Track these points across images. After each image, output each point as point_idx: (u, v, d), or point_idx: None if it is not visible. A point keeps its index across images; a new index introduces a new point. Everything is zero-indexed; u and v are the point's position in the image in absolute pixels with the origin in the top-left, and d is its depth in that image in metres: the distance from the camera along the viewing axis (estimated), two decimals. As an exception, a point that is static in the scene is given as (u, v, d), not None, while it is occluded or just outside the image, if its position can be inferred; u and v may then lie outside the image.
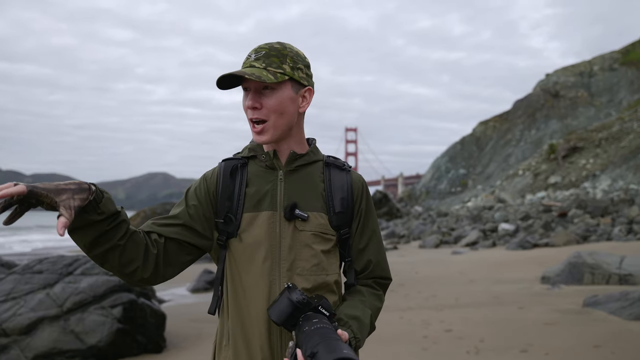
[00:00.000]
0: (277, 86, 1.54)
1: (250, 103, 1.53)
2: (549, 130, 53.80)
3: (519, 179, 41.34)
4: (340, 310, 1.56)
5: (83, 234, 1.38)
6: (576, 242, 13.83)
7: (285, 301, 1.42)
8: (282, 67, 1.53)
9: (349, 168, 1.68)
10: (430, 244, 18.21)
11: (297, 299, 1.41)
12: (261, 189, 1.59)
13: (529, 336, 5.44)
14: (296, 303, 1.40)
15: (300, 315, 1.41)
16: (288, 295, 1.42)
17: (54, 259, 6.08)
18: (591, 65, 59.77)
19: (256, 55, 1.54)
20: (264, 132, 1.56)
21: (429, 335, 5.72)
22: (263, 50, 1.55)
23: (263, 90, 1.54)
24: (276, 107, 1.54)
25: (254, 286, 1.53)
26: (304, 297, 1.42)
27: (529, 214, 22.03)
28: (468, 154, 61.94)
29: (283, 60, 1.54)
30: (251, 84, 1.54)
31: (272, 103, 1.54)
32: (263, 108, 1.54)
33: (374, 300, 1.66)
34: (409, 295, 8.31)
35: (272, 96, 1.54)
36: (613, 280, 8.32)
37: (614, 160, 34.53)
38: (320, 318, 1.38)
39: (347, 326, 1.50)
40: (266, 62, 1.53)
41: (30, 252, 22.89)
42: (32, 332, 5.19)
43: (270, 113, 1.54)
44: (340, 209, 1.61)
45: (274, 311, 1.44)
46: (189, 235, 1.57)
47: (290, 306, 1.41)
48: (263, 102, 1.54)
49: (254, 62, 1.53)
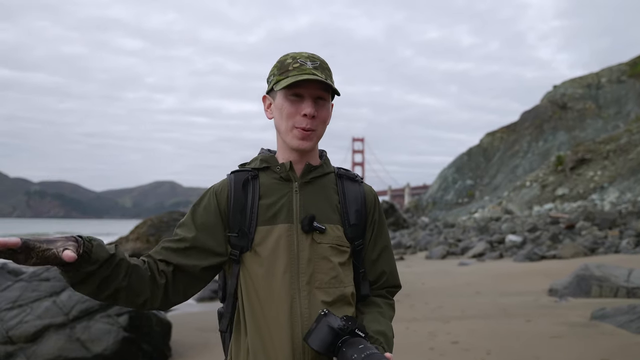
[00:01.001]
0: (328, 97, 1.57)
1: (311, 111, 1.52)
2: (556, 142, 53.62)
3: (527, 190, 41.16)
4: (366, 326, 1.56)
5: (85, 287, 1.39)
6: (584, 255, 13.73)
7: (325, 329, 1.40)
8: (332, 80, 1.57)
9: (361, 180, 1.69)
10: (436, 254, 18.13)
11: (338, 325, 1.40)
12: (276, 201, 1.57)
13: (536, 349, 5.40)
14: (338, 330, 1.40)
15: (339, 341, 1.40)
16: (328, 323, 1.41)
17: (61, 267, 6.11)
18: (599, 77, 59.64)
19: (313, 64, 1.54)
20: (309, 139, 1.56)
21: (435, 347, 5.69)
22: (317, 61, 1.56)
23: (317, 101, 1.55)
24: (326, 118, 1.58)
25: (274, 301, 1.51)
26: (343, 323, 1.41)
27: (536, 226, 21.91)
28: (475, 165, 61.79)
29: (330, 73, 1.58)
30: (307, 92, 1.53)
31: (325, 114, 1.57)
32: (317, 118, 1.55)
33: (389, 310, 1.69)
34: (415, 306, 8.27)
35: (324, 107, 1.57)
36: (621, 293, 8.25)
37: (622, 173, 34.34)
38: (365, 343, 1.37)
39: (377, 343, 1.52)
40: (325, 73, 1.54)
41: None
42: (38, 339, 5.20)
43: (320, 123, 1.57)
44: (355, 221, 1.61)
45: (314, 340, 1.42)
46: (201, 257, 1.55)
47: (331, 334, 1.40)
48: (318, 112, 1.55)
49: (314, 70, 1.52)
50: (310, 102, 1.53)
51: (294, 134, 1.55)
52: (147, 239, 22.45)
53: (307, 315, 1.50)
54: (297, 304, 1.51)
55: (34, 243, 1.24)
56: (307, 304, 1.51)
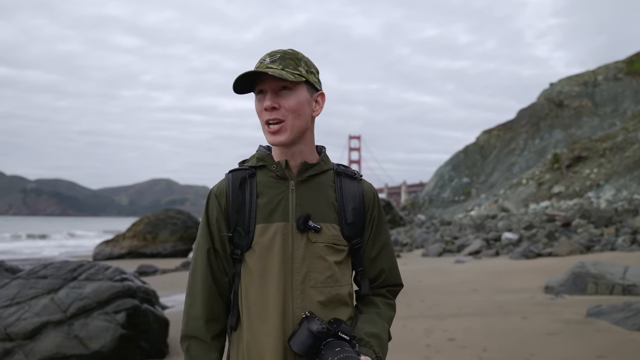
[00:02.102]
0: (295, 87, 1.54)
1: (269, 103, 1.52)
2: (552, 140, 53.75)
3: (523, 188, 41.26)
4: (359, 328, 1.56)
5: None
6: (580, 252, 13.79)
7: (305, 332, 1.41)
8: (298, 69, 1.54)
9: (360, 177, 1.67)
10: (433, 252, 18.17)
11: (317, 329, 1.41)
12: (272, 200, 1.56)
13: (532, 346, 5.43)
14: (316, 333, 1.40)
15: (321, 344, 1.41)
16: (307, 326, 1.42)
17: (59, 264, 6.11)
18: (595, 75, 59.78)
19: (271, 58, 1.53)
20: (280, 132, 1.54)
21: (431, 344, 5.72)
22: (278, 54, 1.55)
23: (280, 92, 1.53)
24: (294, 107, 1.53)
25: (267, 300, 1.52)
26: (323, 327, 1.42)
27: (532, 224, 21.98)
28: (472, 163, 61.89)
29: (298, 63, 1.55)
30: (267, 86, 1.53)
31: (291, 103, 1.53)
32: (281, 108, 1.53)
33: (388, 310, 1.67)
34: (411, 304, 8.30)
35: (290, 97, 1.53)
36: (617, 291, 8.30)
37: (618, 170, 34.46)
38: (342, 345, 1.38)
39: (368, 346, 1.51)
40: (283, 64, 1.52)
41: (34, 258, 22.92)
42: (36, 336, 5.21)
43: (288, 113, 1.53)
44: (352, 220, 1.60)
45: (294, 343, 1.44)
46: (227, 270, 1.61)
47: (311, 337, 1.41)
48: (281, 103, 1.53)
49: (270, 64, 1.52)
50: (270, 95, 1.53)
51: (266, 130, 1.55)
52: (143, 237, 22.44)
53: (299, 314, 1.50)
54: (290, 303, 1.51)
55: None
56: (300, 303, 1.51)
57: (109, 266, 6.15)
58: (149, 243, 21.97)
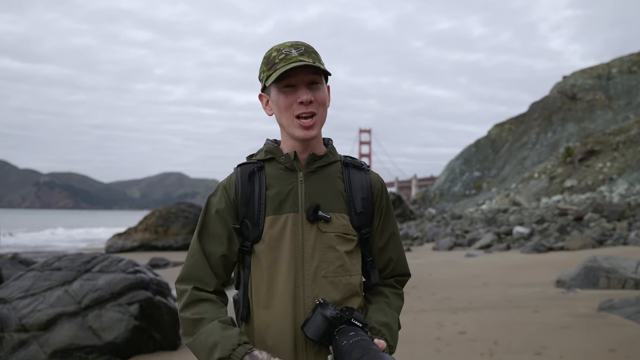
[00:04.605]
0: (321, 80, 1.56)
1: (306, 97, 1.52)
2: (565, 133, 53.24)
3: (535, 182, 40.97)
4: (370, 317, 1.57)
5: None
6: (592, 247, 13.69)
7: (319, 318, 1.44)
8: (322, 62, 1.57)
9: (367, 168, 1.69)
10: (443, 246, 18.14)
11: (331, 314, 1.43)
12: (282, 191, 1.58)
13: (543, 339, 5.42)
14: (331, 319, 1.43)
15: (335, 330, 1.43)
16: (322, 312, 1.44)
17: (72, 257, 6.18)
18: (609, 68, 59.04)
19: (298, 51, 1.54)
20: (314, 126, 1.55)
21: (442, 337, 5.73)
22: (301, 47, 1.55)
23: (312, 85, 1.55)
24: (323, 100, 1.56)
25: (278, 290, 1.53)
26: (337, 312, 1.44)
27: (544, 218, 21.85)
28: (483, 157, 61.52)
29: (318, 56, 1.58)
30: (299, 80, 1.53)
31: (322, 97, 1.56)
32: (314, 102, 1.55)
33: (397, 300, 1.68)
34: (422, 297, 8.30)
35: (320, 90, 1.56)
36: (629, 285, 8.24)
37: (632, 164, 34.09)
38: (357, 331, 1.40)
39: (380, 334, 1.53)
40: (312, 57, 1.54)
41: (47, 251, 23.19)
42: (51, 327, 5.28)
43: (319, 106, 1.56)
44: (361, 209, 1.61)
45: (309, 329, 1.46)
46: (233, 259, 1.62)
47: (325, 322, 1.43)
48: (315, 96, 1.55)
49: (300, 57, 1.52)
50: (304, 88, 1.54)
51: (297, 124, 1.55)
52: (155, 230, 22.62)
53: (310, 303, 1.52)
54: (301, 292, 1.53)
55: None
56: (311, 292, 1.53)
57: (122, 258, 6.21)
58: (161, 236, 22.15)
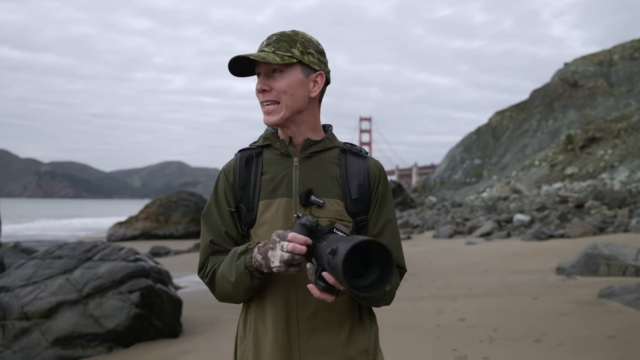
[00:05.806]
0: (285, 69, 1.57)
1: (259, 86, 1.59)
2: (566, 121, 53.12)
3: (535, 169, 40.95)
4: None
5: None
6: (592, 234, 13.71)
7: (297, 228, 1.40)
8: (291, 50, 1.57)
9: (366, 154, 1.68)
10: (444, 234, 18.17)
11: (309, 221, 1.39)
12: (276, 176, 1.60)
13: (542, 326, 5.44)
14: (310, 226, 1.39)
15: (313, 238, 1.40)
16: (299, 222, 1.41)
17: (74, 245, 6.20)
18: (611, 55, 58.75)
19: (267, 41, 1.59)
20: (273, 113, 1.59)
21: (442, 324, 5.75)
22: (274, 37, 1.59)
23: (272, 74, 1.58)
24: (285, 89, 1.57)
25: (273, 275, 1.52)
26: (315, 220, 1.42)
27: (544, 205, 21.86)
28: (484, 144, 61.47)
29: (292, 44, 1.58)
30: (262, 69, 1.59)
31: (281, 85, 1.57)
32: (273, 90, 1.58)
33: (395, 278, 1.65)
34: (422, 284, 8.33)
35: (281, 79, 1.57)
36: (629, 272, 8.26)
37: (633, 151, 34.05)
38: (336, 235, 1.37)
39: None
40: (275, 46, 1.57)
41: (48, 239, 23.26)
42: (52, 315, 5.31)
43: (281, 95, 1.58)
44: (357, 196, 1.60)
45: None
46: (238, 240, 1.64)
47: (305, 230, 1.39)
48: (272, 85, 1.58)
49: (264, 47, 1.58)
50: (261, 77, 1.59)
51: (262, 110, 1.62)
52: (156, 218, 22.67)
53: (303, 288, 1.51)
54: (292, 277, 1.53)
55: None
56: (302, 277, 1.51)
57: (123, 247, 6.23)
58: (162, 225, 22.20)
